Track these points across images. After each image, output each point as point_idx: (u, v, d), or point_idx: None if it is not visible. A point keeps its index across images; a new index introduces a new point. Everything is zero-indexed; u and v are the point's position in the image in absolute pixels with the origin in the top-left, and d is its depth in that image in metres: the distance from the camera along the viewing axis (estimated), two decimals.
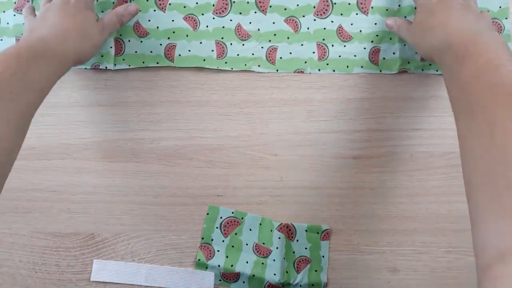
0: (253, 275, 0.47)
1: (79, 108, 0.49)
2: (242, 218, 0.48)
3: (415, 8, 0.50)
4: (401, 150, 0.48)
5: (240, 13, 0.50)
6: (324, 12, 0.50)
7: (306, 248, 0.48)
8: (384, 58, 0.49)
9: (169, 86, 0.49)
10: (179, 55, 0.49)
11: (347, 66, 0.49)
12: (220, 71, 0.50)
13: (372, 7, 0.50)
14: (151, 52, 0.49)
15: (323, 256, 0.47)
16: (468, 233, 0.47)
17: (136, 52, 0.49)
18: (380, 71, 0.49)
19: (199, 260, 0.48)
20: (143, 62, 0.49)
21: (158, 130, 0.49)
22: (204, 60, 0.49)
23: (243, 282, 0.48)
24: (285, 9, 0.50)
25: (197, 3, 0.50)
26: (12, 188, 0.48)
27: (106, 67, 0.49)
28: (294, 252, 0.48)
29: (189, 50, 0.49)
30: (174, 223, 0.48)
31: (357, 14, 0.50)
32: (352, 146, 0.49)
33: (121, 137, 0.49)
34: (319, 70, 0.49)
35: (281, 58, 0.50)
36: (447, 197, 0.48)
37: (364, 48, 0.49)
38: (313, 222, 0.48)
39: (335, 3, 0.50)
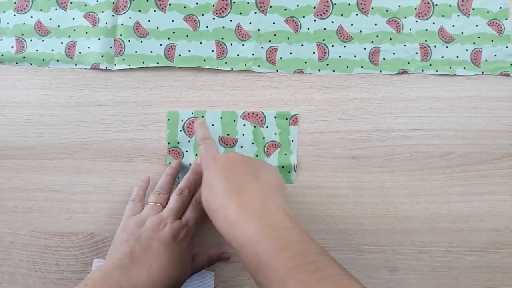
0: None
1: (79, 108, 0.49)
2: (202, 117, 0.49)
3: (415, 8, 0.50)
4: (401, 150, 0.49)
5: (240, 14, 0.50)
6: (324, 13, 0.50)
7: (275, 134, 0.49)
8: (384, 59, 0.49)
9: (169, 86, 0.49)
10: (179, 55, 0.49)
11: (347, 67, 0.49)
12: (220, 71, 0.50)
13: (372, 8, 0.50)
14: (151, 52, 0.49)
15: (292, 140, 0.48)
16: (468, 233, 0.48)
17: (136, 52, 0.49)
18: (380, 71, 0.49)
19: (169, 163, 0.48)
20: (143, 62, 0.49)
21: (158, 130, 0.49)
22: (204, 60, 0.49)
23: None
24: (285, 9, 0.50)
25: (197, 3, 0.50)
26: (12, 188, 0.48)
27: (106, 67, 0.49)
28: (264, 138, 0.49)
29: (189, 50, 0.50)
30: None
31: (357, 14, 0.50)
32: (352, 146, 0.49)
33: (121, 137, 0.49)
34: (319, 70, 0.50)
35: (281, 58, 0.50)
36: (447, 197, 0.48)
37: (364, 49, 0.49)
38: (313, 221, 0.48)
39: (335, 4, 0.50)
